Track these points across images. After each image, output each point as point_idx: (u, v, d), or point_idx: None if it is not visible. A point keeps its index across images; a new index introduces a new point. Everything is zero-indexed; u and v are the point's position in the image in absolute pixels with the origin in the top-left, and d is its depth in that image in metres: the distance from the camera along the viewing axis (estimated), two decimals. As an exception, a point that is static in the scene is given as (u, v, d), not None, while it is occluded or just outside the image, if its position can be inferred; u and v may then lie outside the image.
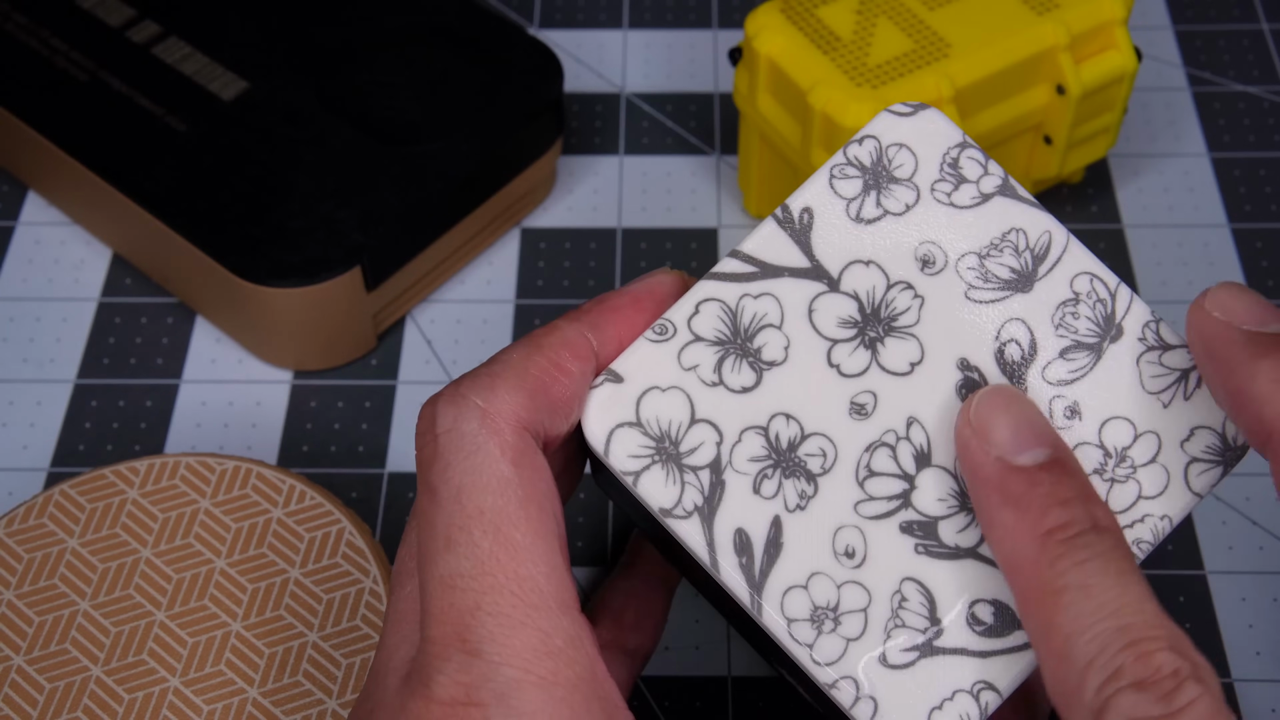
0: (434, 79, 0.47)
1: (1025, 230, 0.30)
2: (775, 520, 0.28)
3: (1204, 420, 0.29)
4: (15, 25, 0.49)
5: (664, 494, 0.28)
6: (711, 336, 0.29)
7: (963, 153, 0.30)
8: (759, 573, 0.28)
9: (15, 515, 0.39)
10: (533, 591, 0.27)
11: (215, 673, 0.36)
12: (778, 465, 0.29)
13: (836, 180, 0.30)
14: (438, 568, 0.27)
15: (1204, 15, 0.56)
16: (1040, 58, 0.44)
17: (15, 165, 0.50)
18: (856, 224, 0.30)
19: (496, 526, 0.27)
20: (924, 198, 0.30)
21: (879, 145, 0.30)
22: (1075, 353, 0.30)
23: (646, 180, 0.51)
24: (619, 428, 0.29)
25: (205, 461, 0.40)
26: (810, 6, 0.44)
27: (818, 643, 0.28)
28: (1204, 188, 0.51)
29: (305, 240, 0.43)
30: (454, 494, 0.27)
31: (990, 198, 0.30)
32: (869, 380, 0.29)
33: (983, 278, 0.30)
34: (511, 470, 0.27)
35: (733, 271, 0.30)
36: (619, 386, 0.29)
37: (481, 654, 0.26)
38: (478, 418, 0.27)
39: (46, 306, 0.48)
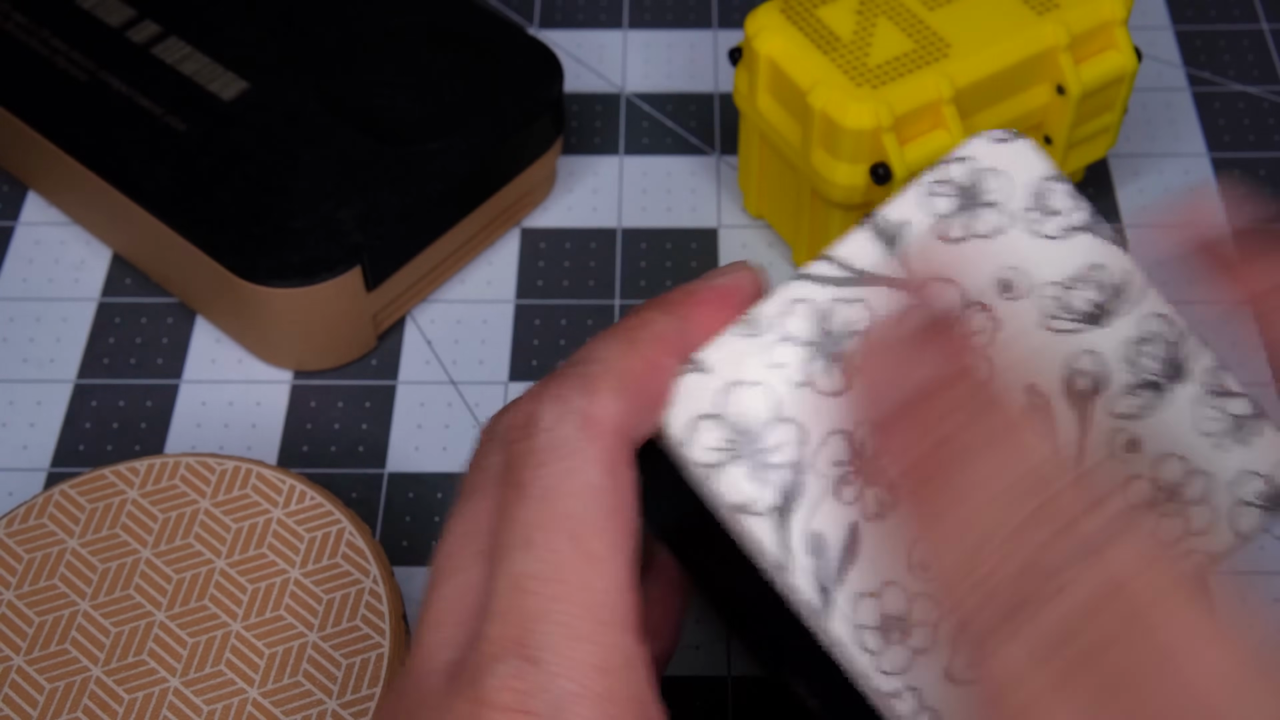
0: (434, 79, 0.47)
1: (1107, 267, 0.30)
2: (853, 526, 0.28)
3: (1255, 465, 0.30)
4: (15, 25, 0.49)
5: (742, 489, 0.28)
6: (802, 337, 0.29)
7: (1053, 185, 0.31)
8: (832, 577, 0.28)
9: (15, 515, 0.39)
10: (602, 606, 0.26)
11: (215, 673, 0.36)
12: (860, 471, 0.28)
13: (931, 196, 0.30)
14: (511, 565, 0.26)
15: (1204, 15, 0.56)
16: (1040, 58, 0.44)
17: (15, 165, 0.50)
18: (945, 242, 0.30)
19: (580, 535, 0.26)
20: (1012, 225, 0.30)
21: (974, 168, 0.31)
22: (1141, 390, 0.30)
23: (646, 180, 0.51)
24: (702, 419, 0.28)
25: (205, 461, 0.40)
26: (810, 6, 0.44)
27: (884, 653, 0.28)
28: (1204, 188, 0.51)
29: (305, 240, 0.43)
30: (542, 494, 0.27)
31: (1076, 232, 0.30)
32: None
33: (1062, 308, 0.30)
34: (605, 479, 0.27)
35: (825, 274, 0.29)
36: (705, 377, 0.28)
37: (540, 662, 0.26)
38: (579, 422, 0.27)
39: (46, 306, 0.48)
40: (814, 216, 0.46)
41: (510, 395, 0.46)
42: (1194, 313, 0.31)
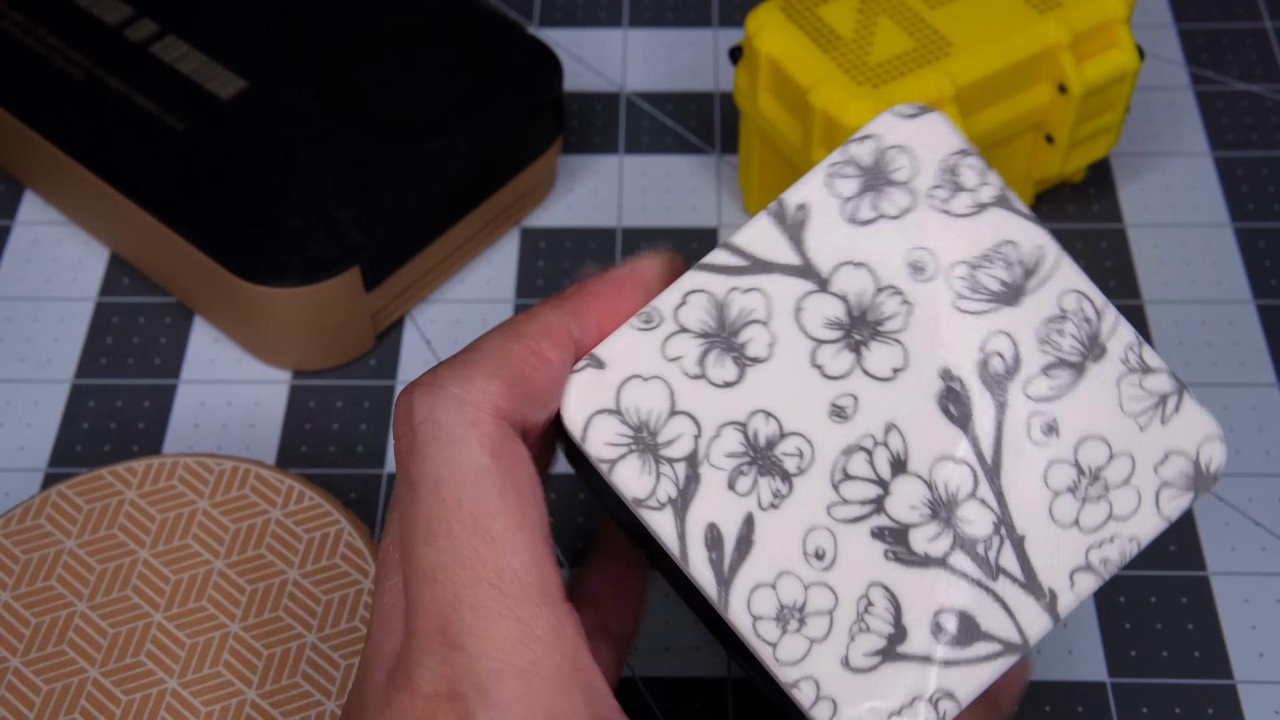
0: (433, 78, 0.47)
1: (1018, 243, 0.30)
2: (748, 517, 0.28)
3: (1179, 445, 0.30)
4: (12, 23, 0.49)
5: (639, 484, 0.28)
6: (697, 328, 0.29)
7: (962, 160, 0.30)
8: (728, 568, 0.28)
9: (12, 516, 0.39)
10: (512, 582, 0.27)
11: (213, 674, 0.36)
12: (754, 462, 0.29)
13: (834, 179, 0.30)
14: (418, 560, 0.27)
15: (1207, 13, 0.56)
16: (1042, 56, 0.44)
17: (12, 164, 0.50)
18: (851, 225, 0.30)
19: (475, 518, 0.27)
20: (920, 203, 0.30)
21: (879, 146, 0.30)
22: (1057, 370, 0.30)
23: (646, 179, 0.51)
24: (598, 414, 0.28)
25: (203, 462, 0.40)
26: (811, 5, 0.44)
27: (781, 642, 0.28)
28: (1206, 187, 0.50)
29: (304, 240, 0.43)
30: (432, 486, 0.27)
31: (986, 208, 0.30)
32: (851, 383, 0.29)
33: (972, 288, 0.30)
34: (489, 460, 0.27)
35: (723, 264, 0.29)
36: (600, 373, 0.29)
37: (461, 647, 0.26)
38: (455, 407, 0.27)
39: (43, 306, 0.48)
40: (815, 216, 0.46)
41: (510, 395, 0.46)
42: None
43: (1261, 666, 0.40)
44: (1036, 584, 0.29)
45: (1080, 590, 0.29)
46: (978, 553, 0.29)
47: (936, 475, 0.29)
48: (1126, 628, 0.41)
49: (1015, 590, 0.29)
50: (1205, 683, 0.40)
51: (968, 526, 0.29)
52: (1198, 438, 0.30)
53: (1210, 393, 0.45)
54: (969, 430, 0.29)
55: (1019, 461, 0.29)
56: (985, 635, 0.28)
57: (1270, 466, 0.44)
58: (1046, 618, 0.29)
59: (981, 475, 0.29)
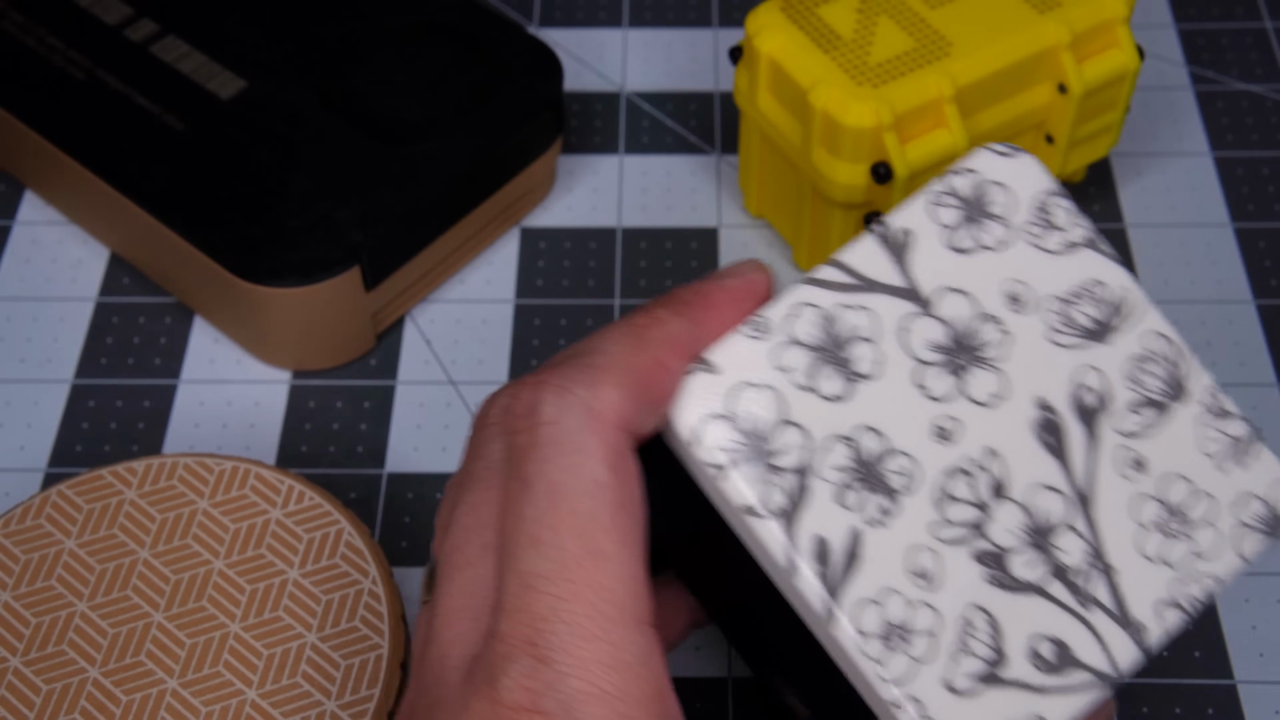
0: (433, 78, 0.47)
1: (1107, 284, 0.31)
2: (855, 532, 0.28)
3: (1253, 487, 0.31)
4: (12, 23, 0.49)
5: (749, 491, 0.28)
6: (807, 341, 0.29)
7: (1055, 200, 0.31)
8: (836, 583, 0.28)
9: (12, 516, 0.39)
10: (610, 604, 0.26)
11: (213, 674, 0.36)
12: (862, 478, 0.29)
13: (936, 206, 0.31)
14: (520, 563, 0.27)
15: (1207, 13, 0.56)
16: (1042, 56, 0.44)
17: (12, 164, 0.50)
18: (951, 252, 0.30)
19: (587, 532, 0.26)
20: (1016, 237, 0.31)
21: (978, 180, 0.31)
22: (1144, 409, 0.31)
23: (646, 180, 0.51)
24: (712, 419, 0.28)
25: (203, 462, 0.40)
26: (811, 5, 0.44)
27: (886, 660, 0.28)
28: (1206, 187, 0.50)
29: (304, 239, 0.43)
30: (548, 490, 0.27)
31: (1077, 247, 0.31)
32: (953, 406, 0.30)
33: (1065, 323, 0.31)
34: (609, 475, 0.27)
35: (831, 280, 0.30)
36: (714, 378, 0.29)
37: (551, 662, 0.26)
38: (583, 415, 0.27)
39: (43, 306, 0.48)
40: (815, 216, 0.46)
41: (510, 395, 0.46)
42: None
43: (1261, 666, 0.40)
44: (1127, 616, 0.29)
45: (1169, 625, 0.29)
46: (1072, 582, 0.29)
47: (1034, 502, 0.29)
48: (1127, 628, 0.41)
49: (1107, 621, 0.29)
50: (1205, 683, 0.40)
51: (1063, 555, 0.29)
52: (1269, 481, 0.31)
53: (1210, 393, 0.45)
54: (1064, 460, 0.30)
55: (1109, 494, 0.30)
56: (1079, 664, 0.29)
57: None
58: (1138, 651, 0.29)
59: (1076, 505, 0.30)
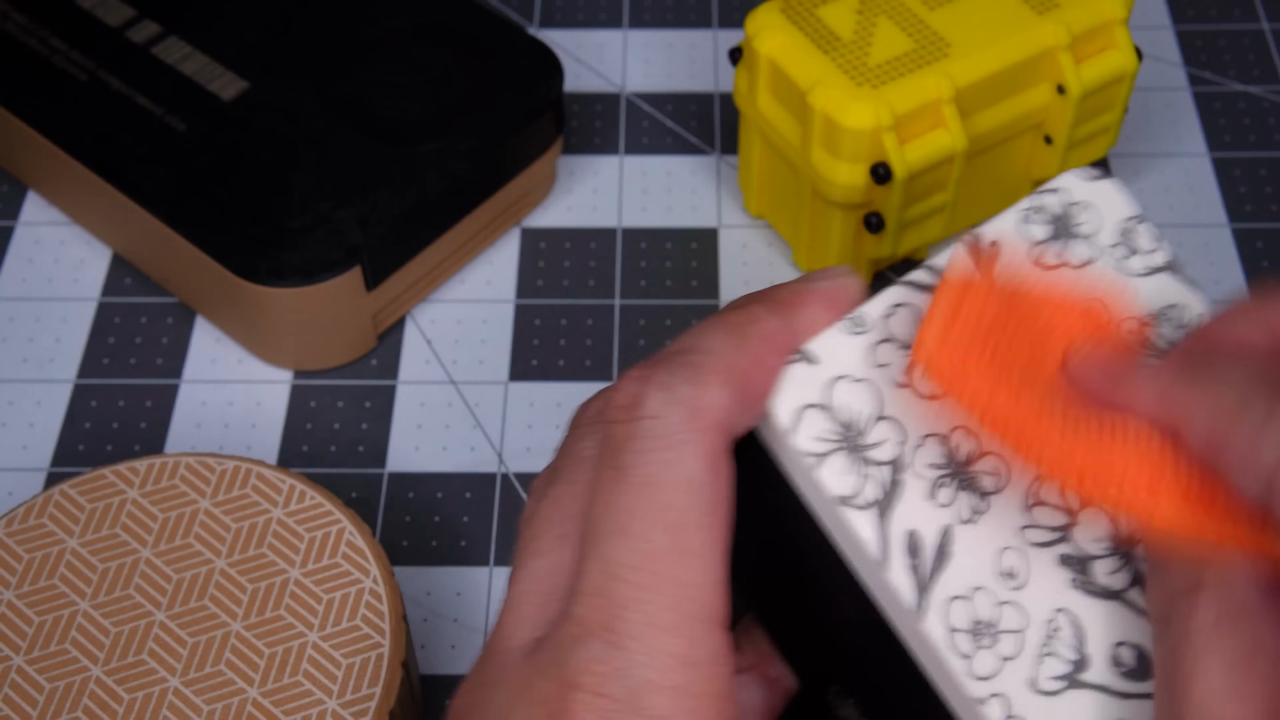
0: (434, 79, 0.47)
1: (1184, 308, 0.31)
2: (947, 529, 0.28)
3: None
4: (15, 25, 0.49)
5: (844, 482, 0.28)
6: (904, 339, 0.29)
7: (1138, 225, 0.32)
8: (927, 577, 0.28)
9: (15, 515, 0.39)
10: (690, 601, 0.26)
11: (215, 673, 0.36)
12: (955, 476, 0.29)
13: (1026, 223, 0.31)
14: (605, 550, 0.27)
15: (1204, 15, 0.56)
16: (1041, 57, 0.44)
17: (15, 165, 0.50)
18: (1039, 267, 0.31)
19: (677, 528, 0.26)
20: (1100, 257, 0.31)
21: (1065, 200, 0.31)
22: None
23: (646, 180, 0.51)
24: (809, 408, 0.28)
25: (205, 461, 0.40)
26: (810, 6, 0.44)
27: (975, 656, 0.28)
28: (1204, 187, 0.50)
29: (305, 240, 0.43)
30: (644, 481, 0.27)
31: (1159, 271, 0.31)
32: None
33: (1143, 343, 0.31)
34: (706, 474, 0.27)
35: (925, 282, 0.30)
36: (812, 368, 0.29)
37: (624, 649, 0.26)
38: (686, 413, 0.27)
39: (46, 306, 0.48)
40: (814, 216, 0.46)
41: (510, 395, 0.46)
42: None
43: (1259, 665, 0.40)
44: None
45: None
46: None
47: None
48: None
49: None
50: (1203, 681, 0.40)
51: (1144, 565, 0.29)
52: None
53: (1208, 392, 0.45)
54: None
55: None
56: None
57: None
58: None
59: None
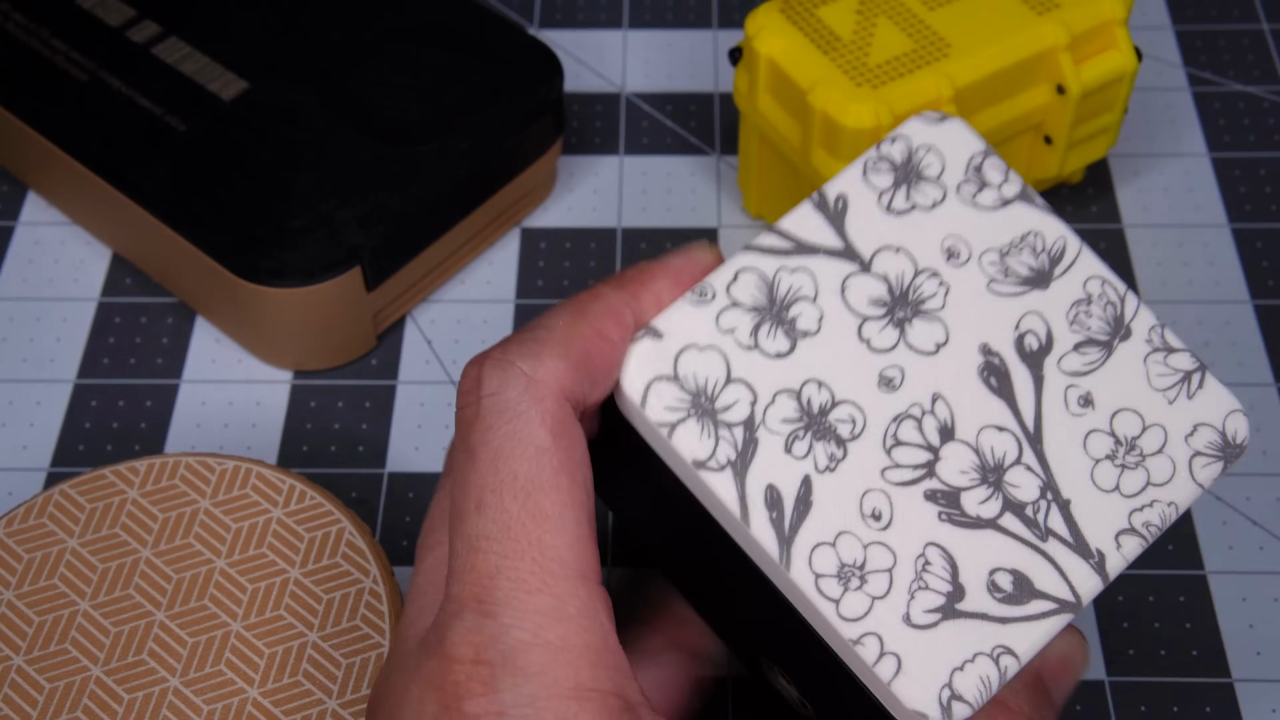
0: (434, 79, 0.47)
1: (1043, 234, 0.32)
2: (805, 479, 0.29)
3: (1206, 418, 0.31)
4: (15, 25, 0.49)
5: (699, 446, 0.29)
6: (749, 303, 0.30)
7: (985, 159, 0.32)
8: (789, 528, 0.29)
9: (15, 515, 0.39)
10: (553, 559, 0.27)
11: (215, 673, 0.36)
12: (809, 428, 0.30)
13: (870, 173, 0.32)
14: (466, 527, 0.28)
15: (1204, 15, 0.56)
16: (1040, 57, 0.44)
17: (15, 165, 0.50)
18: (887, 214, 0.31)
19: (528, 493, 0.28)
20: (950, 196, 0.32)
21: (909, 146, 0.32)
22: (1088, 348, 0.31)
23: (646, 180, 0.51)
24: (657, 380, 0.29)
25: (205, 461, 0.40)
26: (810, 6, 0.45)
27: (843, 599, 0.29)
28: (1204, 187, 0.51)
29: (305, 240, 0.43)
30: (491, 457, 0.28)
31: (1010, 202, 0.32)
32: (897, 356, 0.30)
33: (1003, 272, 0.31)
34: (549, 439, 0.28)
35: (770, 246, 0.31)
36: (658, 342, 0.30)
37: (495, 615, 0.27)
38: (522, 385, 0.28)
39: (46, 306, 0.48)
40: (814, 216, 0.46)
41: (510, 395, 0.46)
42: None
43: (1259, 665, 0.40)
44: (1085, 545, 0.30)
45: (1127, 552, 0.30)
46: (1027, 515, 0.30)
47: (983, 442, 0.30)
48: (1124, 626, 0.41)
49: (1065, 551, 0.30)
50: (1203, 681, 0.40)
51: (1015, 491, 0.30)
52: (1222, 412, 0.31)
53: (1208, 393, 0.45)
54: (1010, 401, 0.30)
55: (1059, 431, 0.30)
56: (1039, 594, 0.29)
57: (1268, 466, 0.44)
58: (1097, 578, 0.30)
59: (1025, 443, 0.30)
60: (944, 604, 0.29)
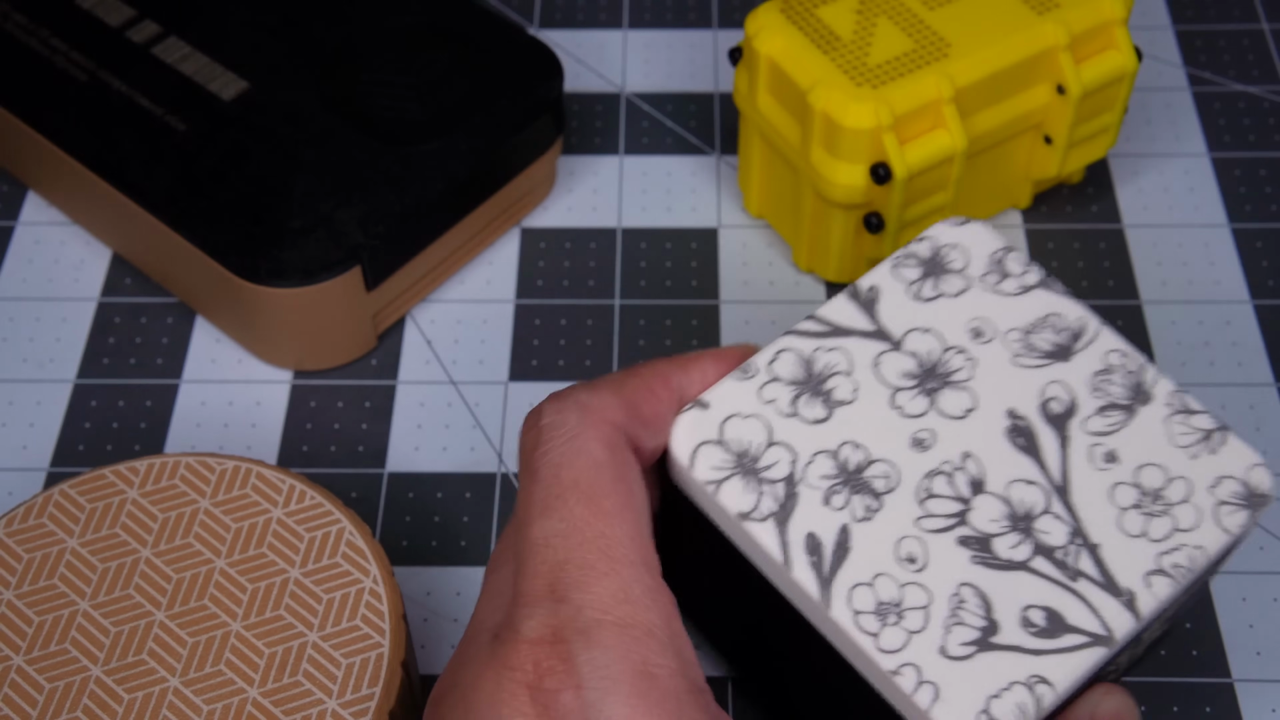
0: (434, 78, 0.47)
1: (1063, 314, 0.34)
2: (843, 528, 0.31)
3: (1229, 471, 0.32)
4: (15, 25, 0.49)
5: (742, 500, 0.31)
6: (789, 377, 0.33)
7: (1007, 254, 0.35)
8: (828, 571, 0.31)
9: (15, 515, 0.39)
10: (616, 548, 0.30)
11: (215, 672, 0.36)
12: (846, 483, 0.32)
13: (899, 268, 0.35)
14: (533, 530, 0.30)
15: (1204, 15, 0.56)
16: (1040, 57, 0.44)
17: (15, 165, 0.50)
18: (916, 301, 0.34)
19: (590, 495, 0.30)
20: (974, 286, 0.35)
21: (935, 244, 0.35)
22: (1111, 411, 0.33)
23: (646, 180, 0.51)
24: (703, 445, 0.32)
25: (205, 461, 0.40)
26: (810, 6, 0.45)
27: (882, 633, 0.30)
28: (1204, 187, 0.51)
29: (305, 240, 0.43)
30: (553, 470, 0.30)
31: (1032, 289, 0.35)
32: (928, 421, 0.33)
33: (1027, 348, 0.34)
34: (606, 453, 0.30)
35: (808, 330, 0.34)
36: (705, 412, 0.33)
37: (568, 599, 0.29)
38: (579, 411, 0.31)
39: (46, 306, 0.48)
40: (814, 216, 0.46)
41: (510, 395, 0.46)
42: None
43: (1259, 665, 0.40)
44: (1115, 585, 0.31)
45: (1158, 591, 0.31)
46: (1057, 558, 0.31)
47: (1012, 494, 0.32)
48: (1124, 626, 0.41)
49: (1096, 590, 0.31)
50: (1203, 681, 0.40)
51: (1045, 536, 0.31)
52: (1245, 465, 0.33)
53: (1208, 392, 0.45)
54: (1037, 458, 0.32)
55: (1085, 484, 0.32)
56: (1072, 628, 0.30)
57: (1269, 467, 0.44)
58: (1129, 614, 0.30)
59: (1053, 494, 0.32)
60: (979, 638, 0.30)
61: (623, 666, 0.28)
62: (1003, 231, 0.49)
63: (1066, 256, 0.49)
